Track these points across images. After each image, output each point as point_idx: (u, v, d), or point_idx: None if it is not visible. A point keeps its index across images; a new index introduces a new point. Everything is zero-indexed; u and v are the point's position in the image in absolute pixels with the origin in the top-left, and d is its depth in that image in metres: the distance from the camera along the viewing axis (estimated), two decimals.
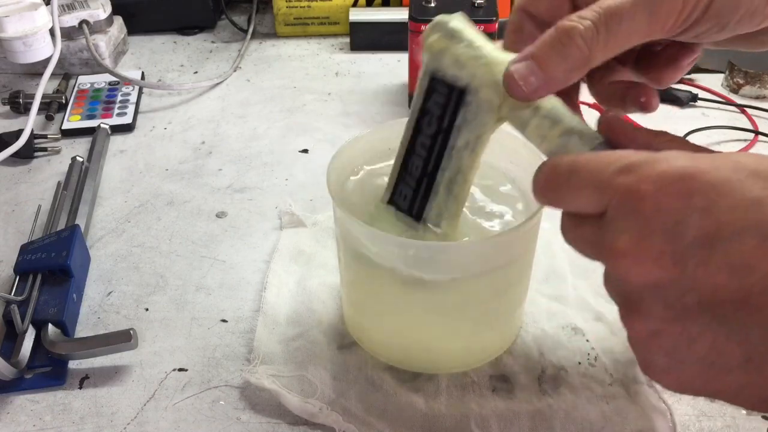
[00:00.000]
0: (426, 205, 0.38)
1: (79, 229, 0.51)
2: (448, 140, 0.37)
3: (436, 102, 0.37)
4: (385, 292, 0.42)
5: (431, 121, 0.37)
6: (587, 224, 0.31)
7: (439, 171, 0.37)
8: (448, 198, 0.38)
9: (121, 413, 0.42)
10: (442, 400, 0.41)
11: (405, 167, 0.39)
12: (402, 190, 0.39)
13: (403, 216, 0.39)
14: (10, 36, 0.69)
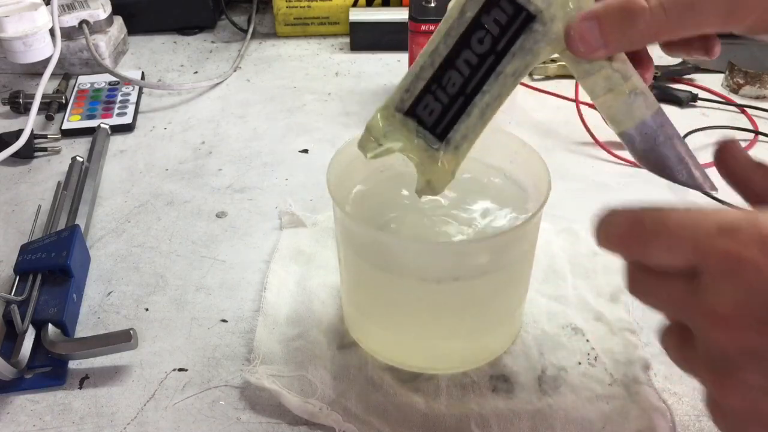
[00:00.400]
0: (455, 125, 0.35)
1: (79, 229, 0.51)
2: (499, 64, 0.34)
3: (497, 19, 0.34)
4: (384, 291, 0.42)
5: (484, 39, 0.34)
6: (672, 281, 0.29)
7: (480, 93, 0.35)
8: (478, 122, 0.36)
9: (121, 413, 0.42)
10: (442, 400, 0.41)
11: (437, 80, 0.35)
12: (429, 104, 0.35)
13: (423, 132, 0.36)
14: (10, 36, 0.69)
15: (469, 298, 0.41)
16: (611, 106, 0.34)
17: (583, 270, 0.50)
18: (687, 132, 0.64)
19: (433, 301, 0.41)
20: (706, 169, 0.45)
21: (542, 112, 0.70)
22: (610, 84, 0.34)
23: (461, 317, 0.42)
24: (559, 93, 0.70)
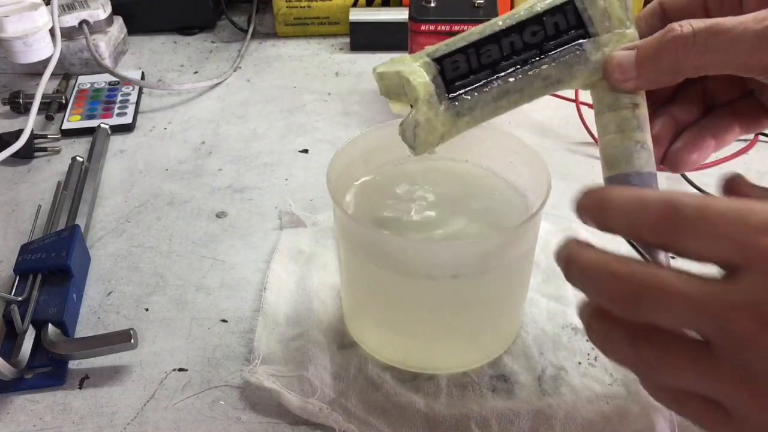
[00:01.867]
0: (469, 91, 0.36)
1: (79, 229, 0.51)
2: (537, 60, 0.35)
3: (557, 23, 0.35)
4: (384, 291, 0.42)
5: (537, 33, 0.35)
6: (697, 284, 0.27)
7: (506, 75, 0.35)
8: (490, 103, 0.36)
9: (121, 413, 0.42)
10: (442, 400, 0.41)
11: (477, 45, 0.36)
12: (458, 61, 0.36)
13: (439, 79, 0.36)
14: (10, 36, 0.69)
15: (468, 297, 0.41)
16: (616, 146, 0.35)
17: None
18: None
19: (432, 300, 0.41)
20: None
21: (542, 112, 0.70)
22: (625, 126, 0.35)
23: (461, 317, 0.42)
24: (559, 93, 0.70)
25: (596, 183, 0.34)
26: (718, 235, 0.27)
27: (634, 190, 0.31)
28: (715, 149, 0.38)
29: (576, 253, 0.31)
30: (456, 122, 0.36)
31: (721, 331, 0.26)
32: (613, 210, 0.30)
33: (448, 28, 0.64)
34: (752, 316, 0.25)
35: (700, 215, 0.27)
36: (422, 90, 0.35)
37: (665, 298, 0.27)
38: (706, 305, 0.26)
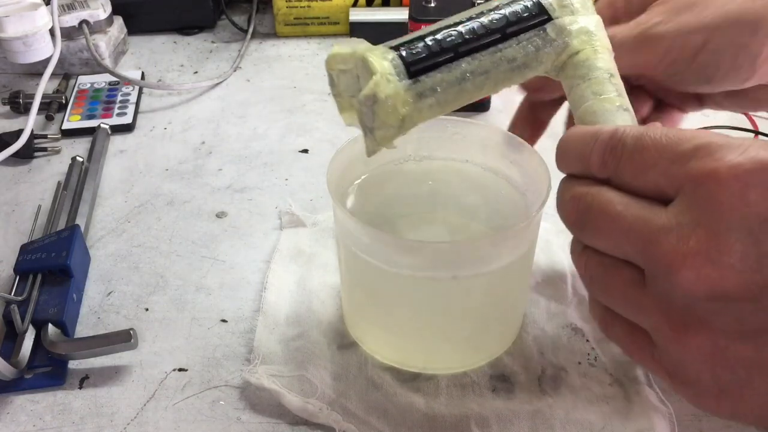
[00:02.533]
0: (431, 72, 0.34)
1: (79, 229, 0.51)
2: (501, 43, 0.35)
3: (516, 10, 0.35)
4: (384, 291, 0.42)
5: (498, 19, 0.35)
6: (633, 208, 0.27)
7: (470, 57, 0.34)
8: (455, 85, 0.34)
9: (121, 413, 0.42)
10: (442, 400, 0.41)
11: (434, 33, 0.35)
12: (416, 47, 0.34)
13: (397, 61, 0.34)
14: (10, 36, 0.69)
15: (468, 297, 0.41)
16: (595, 111, 0.33)
17: None
18: None
19: (432, 300, 0.41)
20: None
21: None
22: (602, 90, 0.34)
23: (461, 317, 0.42)
24: None
25: None
26: (651, 164, 0.27)
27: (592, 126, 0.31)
28: None
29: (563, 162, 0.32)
30: (418, 104, 0.34)
31: (646, 255, 0.26)
32: (571, 143, 0.30)
33: None
34: (674, 240, 0.25)
35: (637, 144, 0.27)
36: (380, 66, 0.33)
37: (604, 219, 0.28)
38: (635, 227, 0.26)
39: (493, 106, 0.70)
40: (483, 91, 0.35)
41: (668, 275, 0.25)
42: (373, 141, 0.35)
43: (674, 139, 0.27)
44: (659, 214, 0.26)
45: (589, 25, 0.35)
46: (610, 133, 0.29)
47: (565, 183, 0.31)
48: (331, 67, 0.37)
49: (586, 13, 0.36)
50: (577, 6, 0.36)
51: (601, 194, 0.28)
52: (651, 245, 0.26)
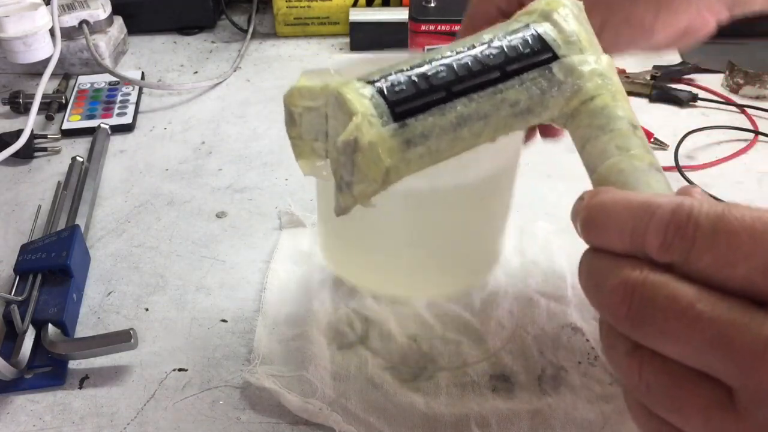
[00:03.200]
0: (421, 114, 0.28)
1: (79, 229, 0.51)
2: (501, 83, 0.29)
3: (515, 44, 0.30)
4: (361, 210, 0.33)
5: (497, 54, 0.29)
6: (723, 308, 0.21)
7: (466, 98, 0.28)
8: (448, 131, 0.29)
9: (121, 413, 0.42)
10: (442, 399, 0.41)
11: (420, 66, 0.29)
12: (400, 82, 0.28)
13: (379, 100, 0.28)
14: (10, 36, 0.69)
15: (444, 213, 0.37)
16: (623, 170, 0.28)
17: None
18: (687, 132, 0.64)
19: (407, 217, 0.38)
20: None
21: None
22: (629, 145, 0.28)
23: (439, 235, 0.39)
24: None
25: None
26: (743, 254, 0.21)
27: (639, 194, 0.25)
28: None
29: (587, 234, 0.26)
30: (406, 154, 0.28)
31: (743, 375, 0.21)
32: (611, 216, 0.24)
33: (448, 28, 0.65)
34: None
35: (719, 226, 0.22)
36: (360, 105, 0.27)
37: (678, 319, 0.22)
38: (732, 338, 0.21)
39: None
40: (480, 139, 0.30)
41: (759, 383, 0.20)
42: (349, 197, 0.29)
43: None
44: (761, 322, 0.21)
45: (602, 67, 0.30)
46: (674, 206, 0.23)
47: (604, 260, 0.24)
48: (294, 104, 0.30)
49: (595, 52, 0.31)
50: (585, 44, 0.30)
51: (669, 284, 0.22)
52: (753, 362, 0.20)
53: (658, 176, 0.28)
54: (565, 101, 0.30)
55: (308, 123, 0.30)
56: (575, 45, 0.30)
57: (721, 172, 0.60)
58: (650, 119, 0.66)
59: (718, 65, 0.74)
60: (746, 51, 0.76)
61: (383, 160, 0.28)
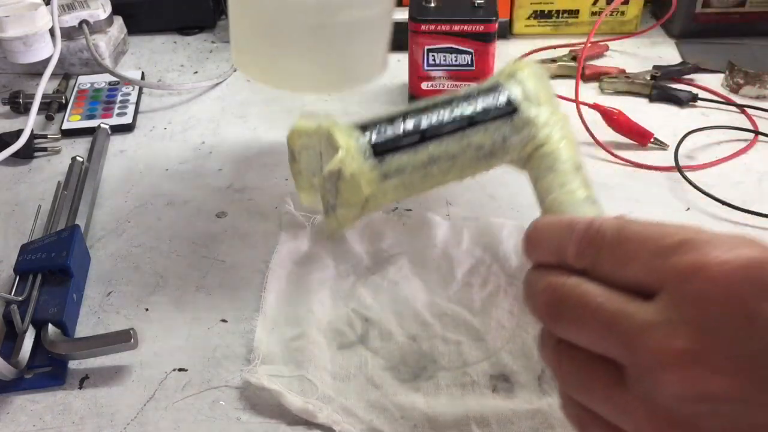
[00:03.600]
0: (397, 153, 0.33)
1: (79, 229, 0.51)
2: (468, 129, 0.34)
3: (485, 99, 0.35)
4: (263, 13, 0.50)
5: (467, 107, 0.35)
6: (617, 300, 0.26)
7: (437, 140, 0.34)
8: (420, 169, 0.34)
9: (121, 413, 0.42)
10: (442, 399, 0.41)
11: (402, 116, 0.34)
12: (383, 128, 0.34)
13: (363, 140, 0.34)
14: (10, 36, 0.69)
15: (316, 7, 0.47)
16: (563, 202, 0.34)
17: None
18: (687, 132, 0.64)
19: (302, 15, 0.48)
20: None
21: None
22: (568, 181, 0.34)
23: (325, 33, 0.50)
24: (559, 93, 0.70)
25: None
26: (633, 256, 0.26)
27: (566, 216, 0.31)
28: None
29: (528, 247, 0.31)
30: (383, 184, 0.33)
31: (629, 352, 0.25)
32: (543, 233, 0.30)
33: (448, 28, 0.64)
34: (660, 337, 0.24)
35: (618, 236, 0.27)
36: (345, 143, 0.33)
37: (583, 311, 0.27)
38: (617, 321, 0.25)
39: None
40: (449, 176, 0.35)
41: (654, 374, 0.24)
42: (334, 220, 0.34)
43: (658, 232, 0.26)
44: (643, 309, 0.25)
45: (554, 118, 0.36)
46: (587, 223, 0.28)
47: (536, 272, 0.30)
48: (293, 143, 0.36)
49: (551, 107, 0.36)
50: (542, 100, 0.36)
51: (579, 285, 0.27)
52: (635, 342, 0.24)
53: (593, 207, 0.34)
54: (522, 146, 0.35)
55: (306, 160, 0.37)
56: (533, 101, 0.36)
57: (721, 172, 0.60)
58: (650, 119, 0.66)
59: (718, 65, 0.74)
60: (746, 51, 0.76)
61: (363, 189, 0.33)
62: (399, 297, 0.48)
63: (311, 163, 0.36)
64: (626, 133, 0.64)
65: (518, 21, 0.83)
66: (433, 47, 0.65)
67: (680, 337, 0.23)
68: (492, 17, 0.64)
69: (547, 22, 0.83)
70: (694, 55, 0.77)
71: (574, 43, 0.79)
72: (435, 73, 0.67)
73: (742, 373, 0.23)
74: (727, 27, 0.80)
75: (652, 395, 0.24)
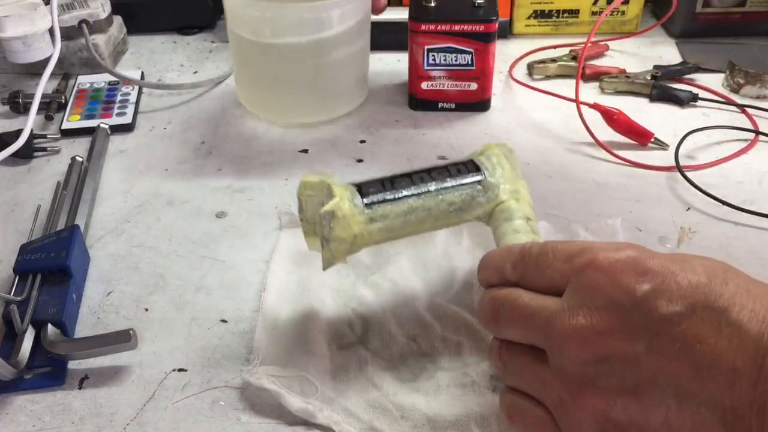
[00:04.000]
0: (382, 204, 0.42)
1: (78, 229, 0.51)
2: (443, 190, 0.43)
3: (458, 168, 0.44)
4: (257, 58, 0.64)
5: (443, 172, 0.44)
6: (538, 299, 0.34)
7: (415, 197, 0.42)
8: (401, 216, 0.42)
9: (120, 413, 0.42)
10: (442, 399, 0.41)
11: (390, 179, 0.43)
12: (373, 184, 0.43)
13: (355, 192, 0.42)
14: (9, 36, 0.68)
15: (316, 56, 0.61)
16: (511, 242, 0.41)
17: None
18: (687, 132, 0.64)
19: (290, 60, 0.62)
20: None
21: (542, 112, 0.70)
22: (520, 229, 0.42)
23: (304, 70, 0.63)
24: (559, 93, 0.70)
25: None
26: (549, 264, 0.34)
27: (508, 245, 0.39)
28: None
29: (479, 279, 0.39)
30: (369, 226, 0.41)
31: (545, 335, 0.32)
32: (490, 260, 0.38)
33: (448, 27, 0.64)
34: (565, 319, 0.31)
35: (541, 252, 0.35)
36: (340, 192, 0.41)
37: (513, 311, 0.34)
38: (536, 313, 0.33)
39: (493, 106, 0.70)
40: (425, 225, 0.43)
41: (562, 348, 0.31)
42: (328, 252, 0.41)
43: (567, 245, 0.34)
44: (554, 301, 0.32)
45: (515, 185, 0.45)
46: (521, 246, 0.37)
47: (485, 291, 0.38)
48: (301, 194, 0.43)
49: (512, 177, 0.45)
50: (506, 173, 0.45)
51: (511, 292, 0.35)
52: (548, 326, 0.32)
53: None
54: (487, 205, 0.44)
55: (311, 209, 0.43)
56: (498, 171, 0.45)
57: (721, 172, 0.60)
58: (650, 119, 0.66)
59: (718, 65, 0.74)
60: (746, 51, 0.76)
61: (352, 228, 0.41)
62: (399, 297, 0.48)
63: (315, 211, 0.43)
64: (626, 133, 0.64)
65: (518, 21, 0.83)
66: (433, 47, 0.65)
67: (579, 316, 0.31)
68: (492, 17, 0.64)
69: (547, 22, 0.83)
70: (694, 54, 0.77)
71: (574, 43, 0.79)
72: (435, 72, 0.67)
73: (628, 336, 0.29)
74: (727, 27, 0.80)
75: (564, 365, 0.31)
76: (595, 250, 0.32)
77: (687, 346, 0.28)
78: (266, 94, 0.67)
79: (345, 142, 0.66)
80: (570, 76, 0.74)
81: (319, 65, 0.63)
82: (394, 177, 0.43)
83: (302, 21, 0.60)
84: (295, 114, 0.66)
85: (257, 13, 0.60)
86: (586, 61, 0.75)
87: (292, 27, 0.60)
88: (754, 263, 0.50)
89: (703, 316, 0.29)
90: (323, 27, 0.60)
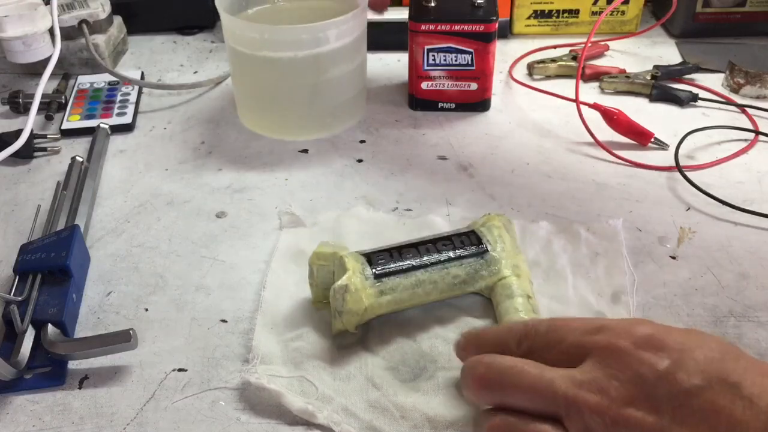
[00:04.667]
0: (391, 276, 0.44)
1: (78, 229, 0.51)
2: (449, 263, 0.45)
3: (462, 240, 0.46)
4: (254, 71, 0.64)
5: (448, 245, 0.46)
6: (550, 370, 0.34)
7: (423, 269, 0.44)
8: (409, 288, 0.44)
9: (120, 413, 0.42)
10: (442, 399, 0.41)
11: (399, 249, 0.45)
12: (383, 257, 0.45)
13: (366, 264, 0.44)
14: (9, 36, 0.68)
15: (312, 71, 0.62)
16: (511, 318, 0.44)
17: (584, 270, 0.49)
18: (687, 132, 0.64)
19: (283, 76, 0.63)
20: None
21: (542, 112, 0.70)
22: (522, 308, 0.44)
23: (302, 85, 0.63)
24: (559, 93, 0.70)
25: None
26: (563, 338, 0.36)
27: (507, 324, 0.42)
28: None
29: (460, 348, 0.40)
30: (379, 299, 0.43)
31: (567, 404, 0.33)
32: (487, 337, 0.39)
33: (448, 27, 0.64)
34: (592, 390, 0.33)
35: (550, 328, 0.37)
36: (353, 266, 0.43)
37: (521, 379, 0.35)
38: (557, 382, 0.33)
39: (493, 106, 0.70)
40: (431, 296, 0.45)
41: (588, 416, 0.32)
42: (339, 322, 0.43)
43: (582, 320, 0.37)
44: (572, 373, 0.34)
45: (515, 259, 0.47)
46: (523, 323, 0.38)
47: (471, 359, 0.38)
48: (314, 263, 0.46)
49: (513, 251, 0.47)
50: (507, 245, 0.47)
51: (514, 359, 0.36)
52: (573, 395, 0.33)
53: None
54: (489, 278, 0.46)
55: (321, 276, 0.46)
56: (500, 245, 0.47)
57: (721, 172, 0.60)
58: (650, 119, 0.66)
59: (718, 65, 0.74)
60: (746, 51, 0.76)
61: (364, 301, 0.43)
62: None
63: (325, 279, 0.45)
64: (626, 132, 0.64)
65: (518, 21, 0.83)
66: (433, 47, 0.65)
67: (610, 388, 0.32)
68: (492, 17, 0.64)
69: (547, 22, 0.83)
70: (694, 55, 0.77)
71: (574, 43, 0.79)
72: (435, 72, 0.67)
73: (653, 407, 0.31)
74: (727, 27, 0.80)
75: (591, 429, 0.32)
76: (613, 327, 0.35)
77: (706, 416, 0.30)
78: (265, 113, 0.67)
79: (345, 142, 0.66)
80: (570, 76, 0.74)
81: (317, 82, 0.63)
82: (401, 246, 0.45)
83: (300, 41, 0.61)
84: (293, 132, 0.66)
85: (255, 35, 0.61)
86: (586, 61, 0.75)
87: (289, 45, 0.61)
88: (754, 263, 0.50)
89: (718, 389, 0.31)
90: (320, 43, 0.61)
